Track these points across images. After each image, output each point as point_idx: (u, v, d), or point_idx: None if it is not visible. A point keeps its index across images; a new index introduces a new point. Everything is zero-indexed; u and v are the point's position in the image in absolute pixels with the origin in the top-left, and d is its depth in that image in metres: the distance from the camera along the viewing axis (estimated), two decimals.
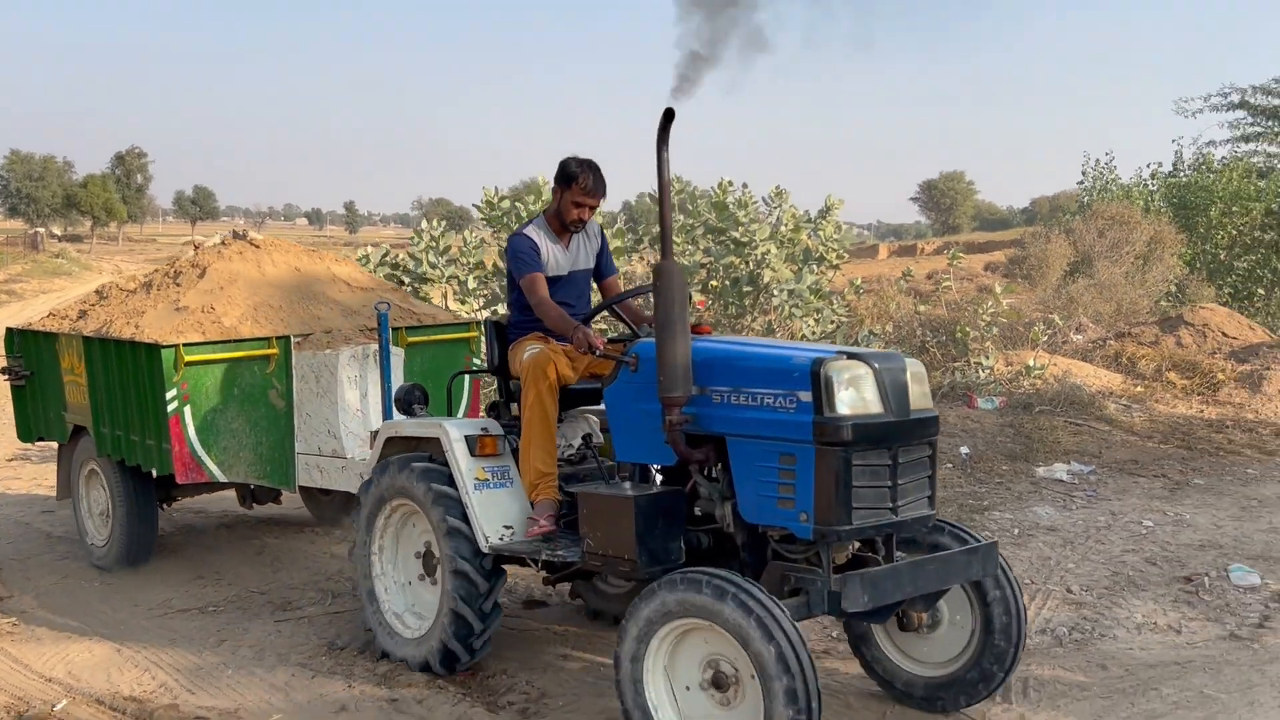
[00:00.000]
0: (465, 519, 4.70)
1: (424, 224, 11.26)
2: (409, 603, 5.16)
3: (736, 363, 4.11)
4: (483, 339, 6.72)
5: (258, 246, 6.88)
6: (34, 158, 73.40)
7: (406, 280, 10.97)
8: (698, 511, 4.31)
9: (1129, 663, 5.05)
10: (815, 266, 12.18)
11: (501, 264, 11.41)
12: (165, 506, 7.30)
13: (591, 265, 5.30)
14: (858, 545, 4.12)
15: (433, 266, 10.79)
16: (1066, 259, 16.41)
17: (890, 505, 3.87)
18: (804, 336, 12.08)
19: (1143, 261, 16.64)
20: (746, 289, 11.89)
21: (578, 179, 4.96)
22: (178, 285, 6.56)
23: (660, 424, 4.13)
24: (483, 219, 11.64)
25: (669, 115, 3.92)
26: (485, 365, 5.52)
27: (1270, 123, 20.37)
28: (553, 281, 5.02)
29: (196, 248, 7.02)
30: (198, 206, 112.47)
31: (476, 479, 4.73)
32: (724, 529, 4.21)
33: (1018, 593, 4.29)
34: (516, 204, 11.49)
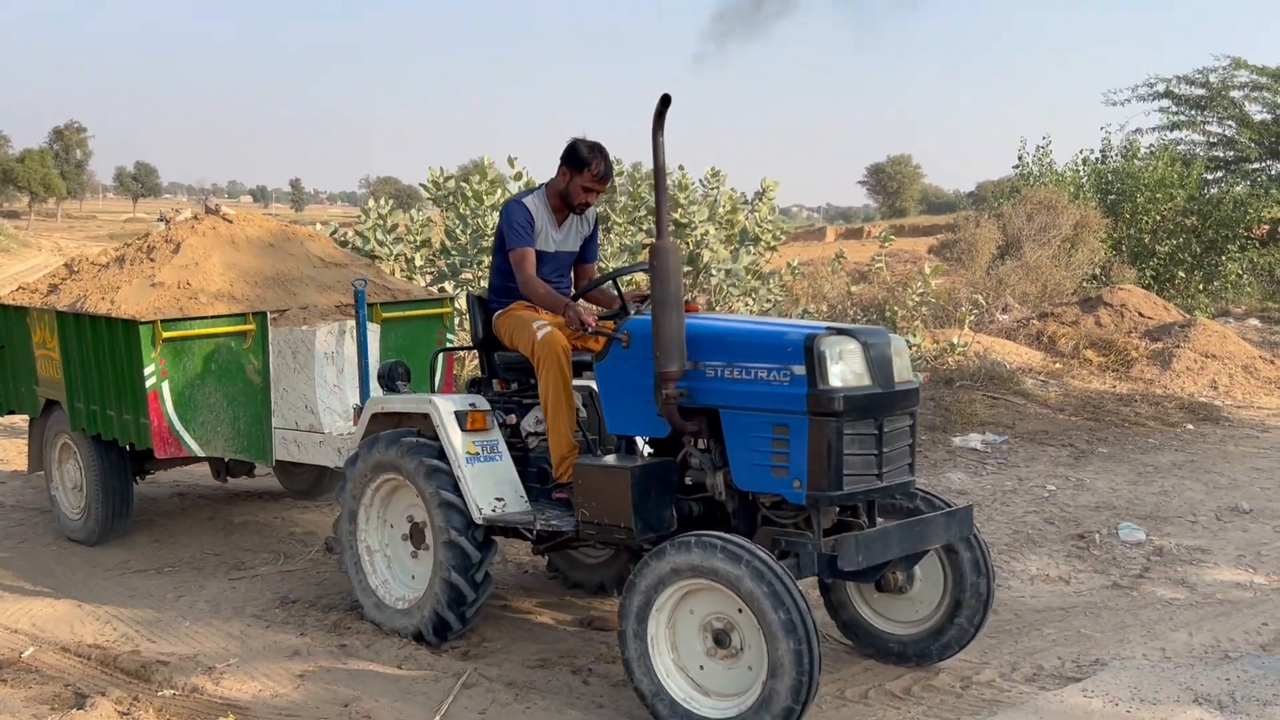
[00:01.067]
0: (457, 492, 4.80)
1: (371, 202, 11.52)
2: (396, 573, 5.29)
3: (730, 338, 4.28)
4: (456, 315, 6.71)
5: (231, 221, 6.89)
6: None
7: None
8: (688, 481, 4.50)
9: (1018, 608, 5.55)
10: (752, 247, 12.62)
11: (449, 242, 11.72)
12: (139, 480, 7.30)
13: (577, 248, 5.35)
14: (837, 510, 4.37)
15: (380, 244, 11.06)
16: (995, 242, 17.04)
17: (876, 472, 4.11)
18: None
19: (1069, 245, 17.32)
20: (686, 269, 12.31)
21: (590, 165, 4.99)
22: (151, 260, 6.57)
23: (652, 397, 4.31)
24: (429, 198, 11.93)
25: (665, 101, 4.08)
26: (461, 341, 5.58)
27: (1193, 112, 21.24)
28: (539, 257, 5.08)
29: (167, 222, 7.06)
30: (139, 183, 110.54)
31: (468, 453, 4.84)
32: (715, 497, 4.40)
33: (987, 554, 4.55)
34: (463, 184, 11.78)
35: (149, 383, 5.98)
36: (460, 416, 4.90)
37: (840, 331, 4.11)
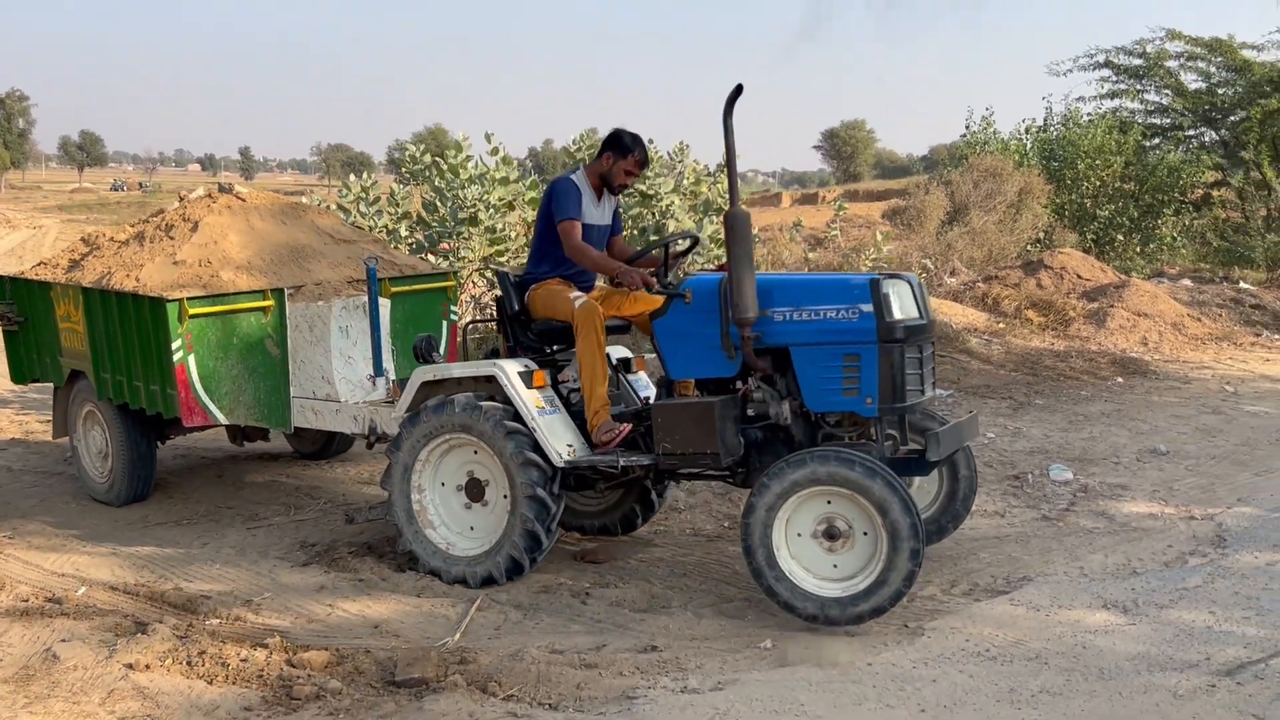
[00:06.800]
0: (537, 450, 5.29)
1: (352, 177, 12.00)
2: (451, 524, 5.71)
3: (796, 288, 5.15)
4: (460, 288, 7.17)
5: (244, 200, 7.29)
6: None
7: None
8: (750, 412, 5.27)
9: (959, 538, 6.28)
10: (715, 217, 13.28)
11: (426, 215, 12.26)
12: (160, 444, 7.69)
13: (609, 223, 5.90)
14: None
15: (363, 215, 11.56)
16: (944, 208, 17.80)
17: (920, 388, 5.11)
18: None
19: (1014, 210, 18.14)
20: (653, 238, 12.94)
21: (633, 152, 5.57)
22: (171, 239, 6.97)
23: (715, 344, 5.16)
24: (407, 173, 12.44)
25: (738, 90, 4.87)
26: (461, 313, 6.05)
27: (1131, 81, 22.10)
28: (583, 229, 5.57)
29: (182, 199, 7.48)
30: (85, 153, 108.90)
31: (538, 408, 5.36)
32: (779, 422, 5.18)
33: (975, 469, 5.87)
34: (437, 159, 12.29)
35: (176, 356, 6.37)
36: (525, 376, 5.43)
37: (890, 276, 5.10)
